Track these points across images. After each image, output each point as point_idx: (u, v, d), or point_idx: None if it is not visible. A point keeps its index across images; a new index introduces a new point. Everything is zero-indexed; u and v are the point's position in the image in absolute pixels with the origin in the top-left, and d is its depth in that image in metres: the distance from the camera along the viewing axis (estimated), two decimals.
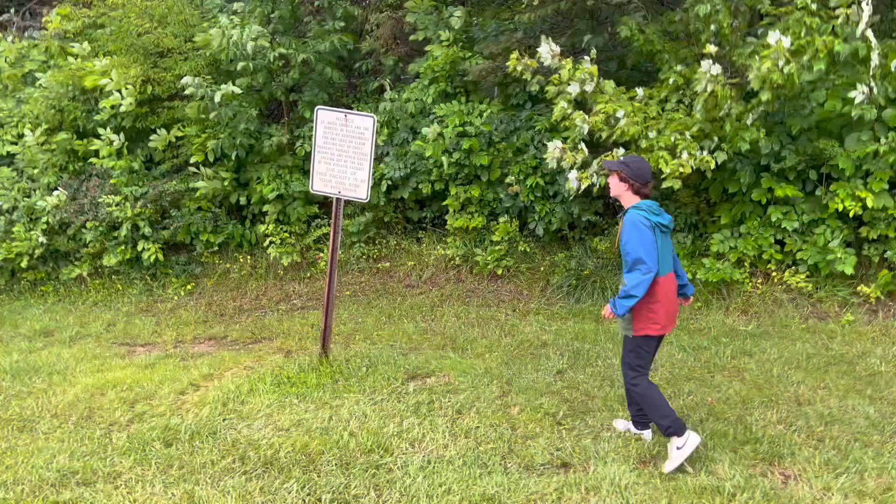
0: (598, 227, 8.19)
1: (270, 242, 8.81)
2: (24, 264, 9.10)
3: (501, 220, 8.21)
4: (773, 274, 7.25)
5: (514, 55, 6.83)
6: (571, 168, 6.74)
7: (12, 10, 10.88)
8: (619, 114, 6.40)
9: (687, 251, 7.53)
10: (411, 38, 9.00)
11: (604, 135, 6.53)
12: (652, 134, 6.31)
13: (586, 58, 6.71)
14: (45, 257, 9.36)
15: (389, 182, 8.51)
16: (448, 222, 8.46)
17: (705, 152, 6.48)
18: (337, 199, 6.19)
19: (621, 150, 6.41)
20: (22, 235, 9.03)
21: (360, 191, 6.10)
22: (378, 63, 9.81)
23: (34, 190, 9.24)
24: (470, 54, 8.38)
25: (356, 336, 7.25)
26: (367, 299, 8.38)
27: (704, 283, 7.30)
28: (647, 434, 4.72)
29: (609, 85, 6.68)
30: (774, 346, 6.42)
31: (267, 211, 9.00)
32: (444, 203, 8.44)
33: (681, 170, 6.34)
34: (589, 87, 6.53)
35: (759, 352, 6.29)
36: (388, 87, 8.95)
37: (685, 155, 6.32)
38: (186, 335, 7.72)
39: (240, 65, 8.15)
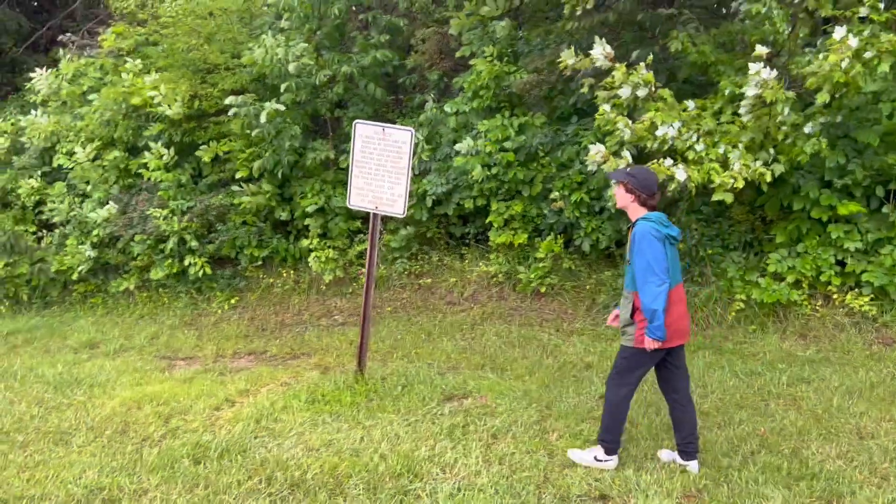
0: None
1: (314, 257, 8.77)
2: (74, 277, 9.27)
3: (547, 237, 7.99)
4: (835, 296, 6.84)
5: (568, 52, 6.60)
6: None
7: (68, 33, 11.20)
8: (675, 125, 6.12)
9: (741, 271, 7.18)
10: (457, 53, 8.89)
11: (649, 144, 6.26)
12: (700, 147, 6.02)
13: (642, 64, 6.45)
14: (95, 270, 9.53)
15: (434, 198, 8.38)
16: (491, 238, 8.28)
17: (759, 163, 6.14)
18: (374, 214, 6.09)
19: (668, 162, 6.13)
20: (74, 248, 9.22)
21: (397, 206, 5.98)
22: (423, 78, 9.74)
23: (86, 205, 9.43)
24: (514, 68, 8.22)
25: (394, 354, 7.11)
26: (408, 316, 8.25)
27: (759, 304, 6.93)
28: (693, 465, 4.43)
29: (666, 93, 6.41)
30: (835, 373, 6.02)
31: (309, 225, 8.98)
32: (488, 220, 8.27)
33: (733, 182, 6.01)
34: (642, 93, 6.27)
35: (818, 379, 5.91)
36: (431, 102, 8.86)
37: (737, 166, 5.99)
38: (227, 349, 7.72)
39: (283, 85, 8.17)
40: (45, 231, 9.77)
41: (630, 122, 6.33)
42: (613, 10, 7.15)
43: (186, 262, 9.05)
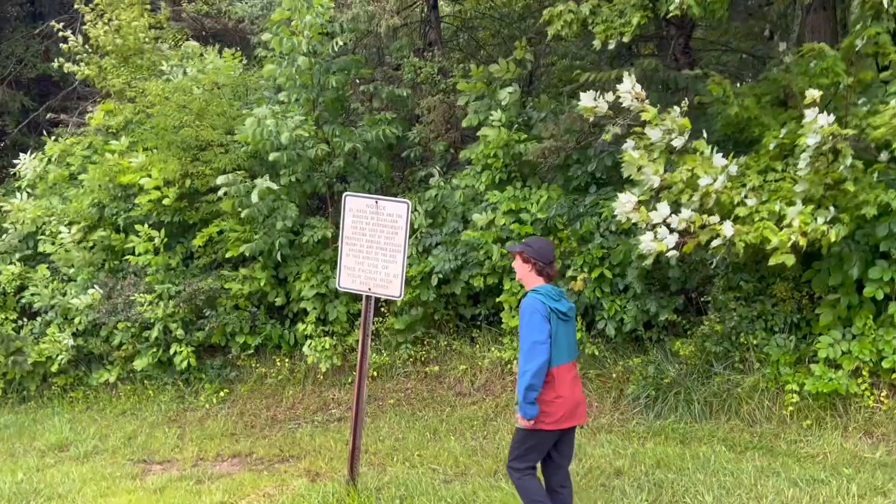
0: (678, 326, 7.03)
1: (309, 345, 7.99)
2: (54, 368, 8.54)
3: None
4: None
5: (588, 95, 5.89)
6: (645, 229, 5.65)
7: (61, 114, 10.88)
8: (720, 177, 5.35)
9: (790, 357, 6.28)
10: (464, 122, 8.33)
11: (685, 197, 5.48)
12: (751, 201, 5.23)
13: (676, 108, 5.75)
14: (76, 361, 8.80)
15: (440, 276, 7.63)
16: (504, 320, 7.47)
17: (820, 220, 5.31)
18: (367, 297, 5.35)
19: (715, 218, 5.33)
20: (53, 337, 8.52)
21: (393, 287, 5.24)
22: (427, 150, 9.17)
23: (69, 290, 8.79)
24: (525, 136, 7.59)
25: (394, 457, 6.22)
26: (412, 409, 7.37)
27: (814, 395, 6.01)
28: None
29: (702, 144, 5.68)
30: None
31: (306, 308, 8.23)
32: (499, 299, 7.48)
33: (793, 239, 5.17)
34: (678, 143, 5.55)
35: None
36: (437, 175, 8.23)
37: (796, 223, 5.18)
38: (209, 451, 6.87)
39: (272, 156, 7.60)
40: (25, 319, 9.10)
41: (660, 169, 5.57)
42: (637, 66, 6.53)
43: (172, 352, 8.30)
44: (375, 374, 8.02)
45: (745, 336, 6.57)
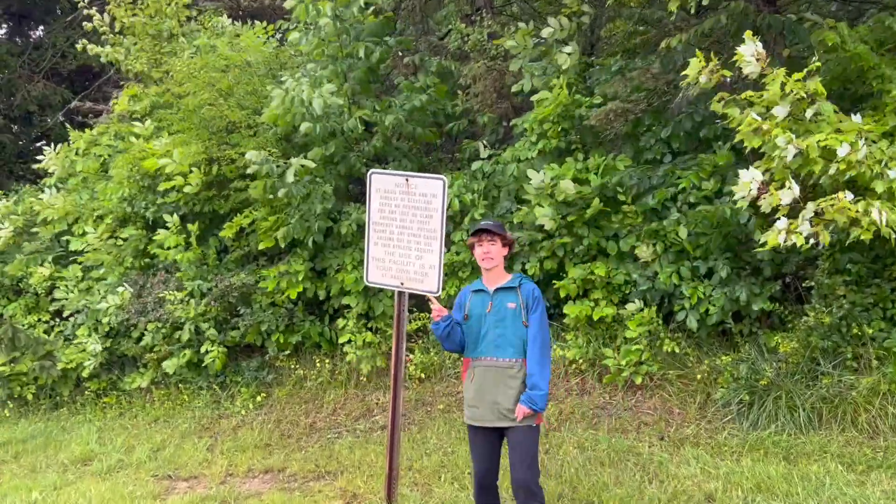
0: (774, 316, 5.94)
1: (350, 341, 7.21)
2: (85, 374, 8.03)
3: (630, 306, 6.14)
4: None
5: (697, 59, 4.82)
6: (774, 214, 4.58)
7: (88, 102, 10.37)
8: (862, 145, 4.26)
9: None
10: (514, 88, 7.36)
11: (816, 169, 4.40)
12: (893, 172, 4.15)
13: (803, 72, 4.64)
14: (109, 364, 8.28)
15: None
16: (566, 312, 6.50)
17: None
18: (399, 293, 4.50)
19: (849, 196, 4.26)
20: (81, 342, 8.01)
21: (429, 281, 4.37)
22: (474, 124, 8.25)
23: (98, 289, 8.25)
24: (586, 99, 6.58)
25: (442, 475, 5.39)
26: (461, 414, 6.49)
27: None
28: None
29: (828, 107, 4.55)
30: None
31: (349, 304, 7.45)
32: (557, 286, 6.50)
33: None
34: (810, 112, 4.45)
35: None
36: (484, 148, 7.29)
37: None
38: (240, 465, 6.18)
39: (303, 126, 6.78)
40: (57, 320, 8.63)
41: (793, 136, 4.46)
42: (725, 11, 5.42)
43: (204, 351, 7.66)
44: (423, 375, 7.18)
45: (859, 327, 5.44)
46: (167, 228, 7.91)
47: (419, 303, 7.48)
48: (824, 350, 5.47)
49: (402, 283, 4.46)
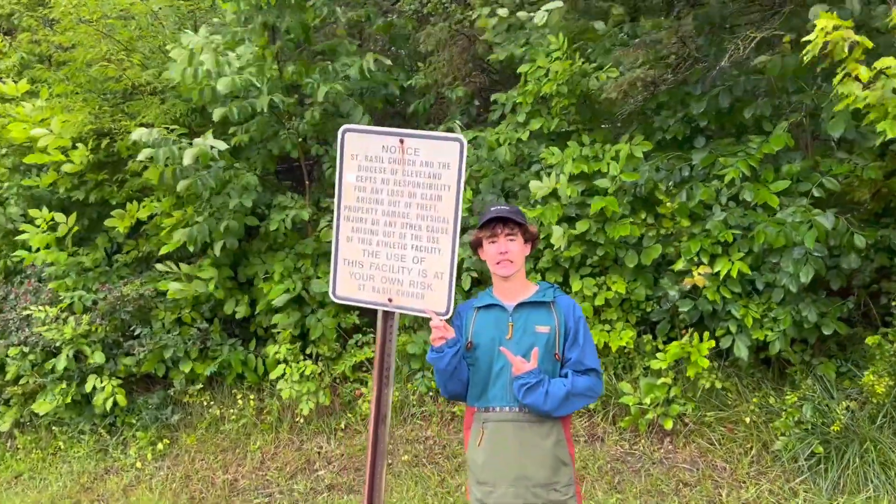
0: (846, 342, 4.71)
1: (283, 376, 5.54)
2: None
3: (653, 332, 4.79)
4: None
5: (824, 17, 3.36)
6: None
7: None
8: None
9: None
10: (492, 57, 5.93)
11: None
12: None
13: None
14: None
15: (473, 273, 5.23)
16: None
17: None
18: (385, 313, 2.95)
19: None
20: None
21: (435, 297, 2.86)
22: (442, 101, 6.77)
23: None
24: (594, 68, 5.19)
25: None
26: (436, 470, 4.97)
27: None
28: None
29: None
30: None
31: (278, 325, 5.79)
32: None
33: None
34: None
35: None
36: (458, 129, 5.81)
37: None
38: None
39: (216, 113, 5.16)
40: None
41: None
42: None
43: (90, 387, 5.82)
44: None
45: None
46: (32, 222, 6.01)
47: (372, 315, 5.90)
48: None
49: (390, 300, 2.91)
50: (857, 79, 3.27)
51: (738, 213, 4.61)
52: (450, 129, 5.90)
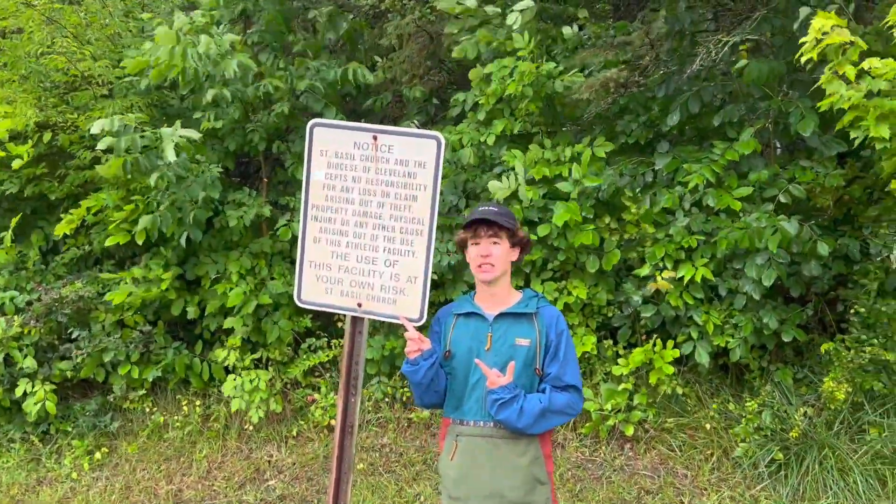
0: (802, 348, 4.76)
1: (232, 384, 5.30)
2: None
3: (614, 337, 4.76)
4: None
5: (821, 17, 3.28)
6: None
7: None
8: None
9: None
10: (455, 52, 5.81)
11: None
12: None
13: None
14: None
15: (434, 276, 5.11)
16: None
17: None
18: (353, 319, 2.81)
19: None
20: None
21: (408, 302, 2.75)
22: (399, 100, 6.63)
23: None
24: (559, 70, 5.13)
25: None
26: (393, 478, 4.82)
27: None
28: None
29: None
30: None
31: (230, 327, 5.53)
32: None
33: None
34: None
35: None
36: (416, 129, 5.67)
37: None
38: None
39: (209, 93, 4.92)
40: None
41: None
42: None
43: (21, 392, 5.46)
44: (333, 422, 5.40)
45: None
46: None
47: (326, 318, 5.72)
48: (871, 393, 4.33)
49: (359, 305, 2.76)
50: (843, 78, 3.27)
51: (700, 218, 4.62)
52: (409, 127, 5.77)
